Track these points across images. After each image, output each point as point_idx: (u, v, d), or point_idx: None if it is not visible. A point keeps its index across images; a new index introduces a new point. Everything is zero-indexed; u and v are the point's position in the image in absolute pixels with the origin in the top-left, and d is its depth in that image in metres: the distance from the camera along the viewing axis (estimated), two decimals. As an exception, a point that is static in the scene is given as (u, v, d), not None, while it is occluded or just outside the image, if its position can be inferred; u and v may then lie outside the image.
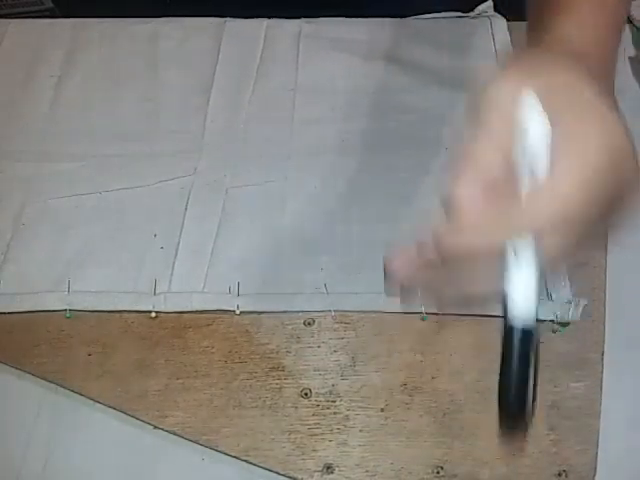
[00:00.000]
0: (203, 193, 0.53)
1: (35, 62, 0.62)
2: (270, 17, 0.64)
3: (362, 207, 0.52)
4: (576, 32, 0.32)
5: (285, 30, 0.63)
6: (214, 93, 0.59)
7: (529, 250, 0.27)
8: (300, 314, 0.47)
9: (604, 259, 0.48)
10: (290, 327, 0.46)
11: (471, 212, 0.28)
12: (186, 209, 0.52)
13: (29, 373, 0.45)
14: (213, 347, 0.46)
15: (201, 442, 0.42)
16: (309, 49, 0.61)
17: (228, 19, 0.64)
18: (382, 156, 0.54)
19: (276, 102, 0.58)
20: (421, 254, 0.30)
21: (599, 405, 0.43)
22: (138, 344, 0.46)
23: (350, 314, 0.47)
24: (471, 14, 0.64)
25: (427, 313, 0.46)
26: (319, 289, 0.47)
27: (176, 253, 0.49)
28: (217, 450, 0.42)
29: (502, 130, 0.28)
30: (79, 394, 0.44)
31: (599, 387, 0.43)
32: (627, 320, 0.46)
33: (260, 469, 0.42)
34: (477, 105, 0.29)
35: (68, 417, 0.44)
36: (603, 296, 0.47)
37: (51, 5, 0.69)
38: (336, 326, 0.46)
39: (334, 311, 0.47)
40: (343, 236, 0.50)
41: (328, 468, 0.41)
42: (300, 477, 0.41)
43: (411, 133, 0.56)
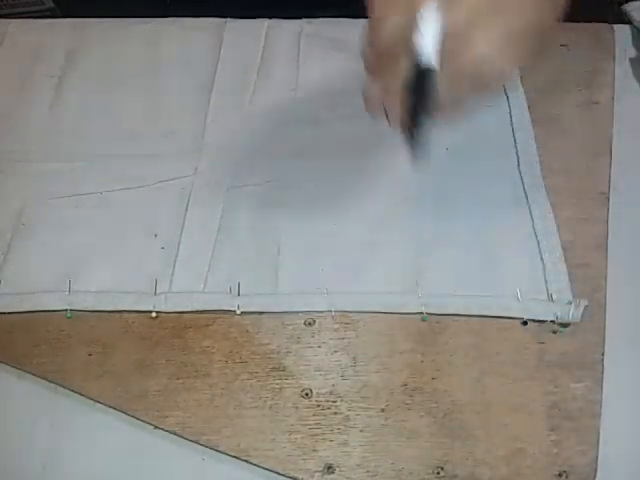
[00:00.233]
0: (203, 193, 0.53)
1: (35, 62, 0.62)
2: (270, 17, 0.64)
3: (362, 207, 0.52)
4: None
5: (285, 30, 0.63)
6: (214, 93, 0.59)
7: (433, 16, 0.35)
8: (300, 314, 0.47)
9: (604, 259, 0.48)
10: (290, 327, 0.46)
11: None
12: (186, 209, 0.52)
13: (29, 373, 0.45)
14: (213, 347, 0.46)
15: (201, 442, 0.42)
16: (309, 49, 0.61)
17: (228, 19, 0.64)
18: (382, 156, 0.54)
19: (276, 102, 0.58)
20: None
21: (600, 406, 0.43)
22: (138, 344, 0.46)
23: (350, 314, 0.47)
24: (471, 14, 0.64)
25: (427, 313, 0.46)
26: (319, 289, 0.47)
27: (176, 253, 0.49)
28: (217, 450, 0.42)
29: None
30: (79, 394, 0.44)
31: (600, 388, 0.43)
32: (627, 320, 0.46)
33: (260, 469, 0.42)
34: None
35: (68, 417, 0.44)
36: (603, 296, 0.47)
37: (51, 5, 0.69)
38: (336, 326, 0.46)
39: (334, 311, 0.47)
40: (343, 236, 0.50)
41: (329, 468, 0.41)
42: (300, 477, 0.41)
43: (411, 133, 0.56)
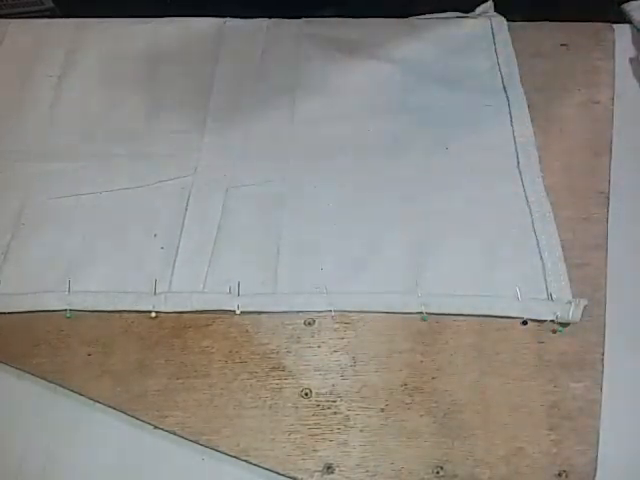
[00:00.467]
0: (203, 193, 0.53)
1: (35, 62, 0.62)
2: (270, 17, 0.64)
3: (362, 207, 0.52)
4: None
5: (285, 30, 0.63)
6: (214, 93, 0.59)
7: None
8: (300, 314, 0.47)
9: (604, 259, 0.48)
10: (290, 327, 0.46)
11: None
12: (186, 209, 0.52)
13: (29, 373, 0.45)
14: (213, 347, 0.46)
15: (201, 442, 0.42)
16: (309, 49, 0.61)
17: (228, 19, 0.64)
18: (382, 156, 0.54)
19: (276, 102, 0.58)
20: None
21: (599, 405, 0.43)
22: (138, 344, 0.46)
23: (350, 314, 0.47)
24: (471, 14, 0.64)
25: (427, 313, 0.46)
26: (319, 289, 0.47)
27: (176, 253, 0.49)
28: (217, 450, 0.42)
29: None
30: (79, 394, 0.44)
31: (599, 387, 0.43)
32: (627, 320, 0.46)
33: (260, 469, 0.42)
34: None
35: (68, 417, 0.44)
36: (603, 296, 0.47)
37: (51, 5, 0.69)
38: (336, 326, 0.46)
39: (334, 311, 0.47)
40: (343, 236, 0.50)
41: (328, 468, 0.41)
42: (300, 477, 0.41)
43: (411, 133, 0.56)
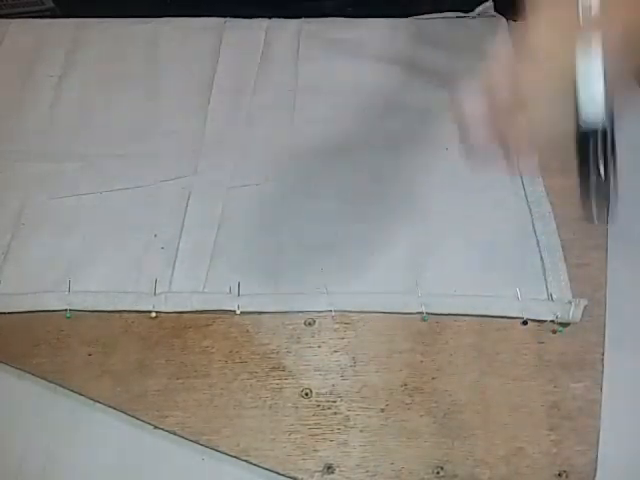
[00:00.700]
0: (203, 193, 0.53)
1: (35, 62, 0.62)
2: (270, 17, 0.64)
3: (362, 207, 0.52)
4: None
5: (285, 30, 0.63)
6: (214, 93, 0.59)
7: (597, 45, 0.29)
8: (300, 314, 0.47)
9: (604, 259, 0.48)
10: (290, 327, 0.46)
11: None
12: (186, 209, 0.52)
13: (29, 373, 0.45)
14: (213, 347, 0.46)
15: (201, 442, 0.42)
16: (309, 49, 0.62)
17: (228, 19, 0.64)
18: (382, 156, 0.54)
19: (276, 102, 0.58)
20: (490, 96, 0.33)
21: (599, 405, 0.43)
22: (138, 344, 0.46)
23: (350, 314, 0.47)
24: (471, 14, 0.64)
25: (427, 313, 0.46)
26: (319, 289, 0.47)
27: (176, 253, 0.49)
28: (217, 450, 0.42)
29: None
30: (79, 394, 0.44)
31: (599, 387, 0.43)
32: (627, 320, 0.46)
33: (260, 469, 0.42)
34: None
35: (68, 417, 0.44)
36: (603, 296, 0.47)
37: (51, 5, 0.69)
38: (336, 326, 0.46)
39: (334, 311, 0.47)
40: (343, 236, 0.50)
41: (328, 468, 0.41)
42: (300, 477, 0.41)
43: (411, 133, 0.56)
